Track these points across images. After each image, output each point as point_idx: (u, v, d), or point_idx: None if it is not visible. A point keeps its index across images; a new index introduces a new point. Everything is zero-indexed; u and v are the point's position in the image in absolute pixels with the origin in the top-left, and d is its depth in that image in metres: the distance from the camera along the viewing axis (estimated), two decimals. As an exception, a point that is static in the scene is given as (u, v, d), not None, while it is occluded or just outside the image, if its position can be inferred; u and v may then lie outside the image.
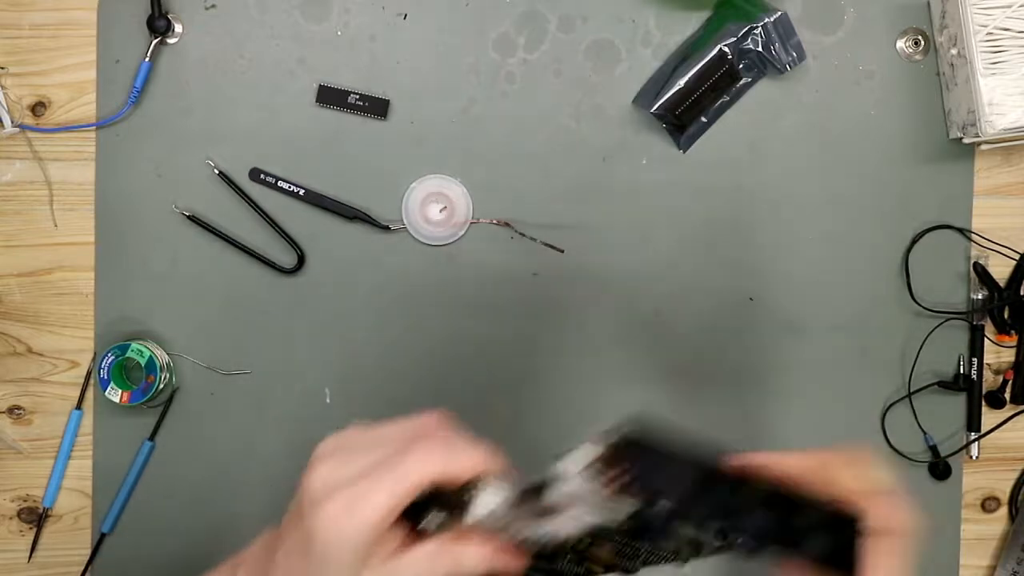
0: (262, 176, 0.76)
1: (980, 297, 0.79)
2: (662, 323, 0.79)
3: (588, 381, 0.79)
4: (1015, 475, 0.81)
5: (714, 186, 0.78)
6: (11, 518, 0.79)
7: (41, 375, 0.78)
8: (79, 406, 0.78)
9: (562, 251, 0.78)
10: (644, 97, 0.77)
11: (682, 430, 0.41)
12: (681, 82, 0.75)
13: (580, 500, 0.40)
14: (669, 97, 0.75)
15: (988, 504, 0.81)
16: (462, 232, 0.77)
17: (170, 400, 0.77)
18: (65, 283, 0.77)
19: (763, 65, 0.76)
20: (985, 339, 0.80)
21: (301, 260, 0.77)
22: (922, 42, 0.78)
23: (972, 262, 0.79)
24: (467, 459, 0.40)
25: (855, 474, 0.43)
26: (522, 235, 0.78)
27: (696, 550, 0.42)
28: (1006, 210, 0.80)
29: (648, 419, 0.41)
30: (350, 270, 0.78)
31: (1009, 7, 0.71)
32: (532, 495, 0.41)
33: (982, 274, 0.78)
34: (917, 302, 0.79)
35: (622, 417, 0.41)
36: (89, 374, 0.77)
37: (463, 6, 0.77)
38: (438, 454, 0.40)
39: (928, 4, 0.78)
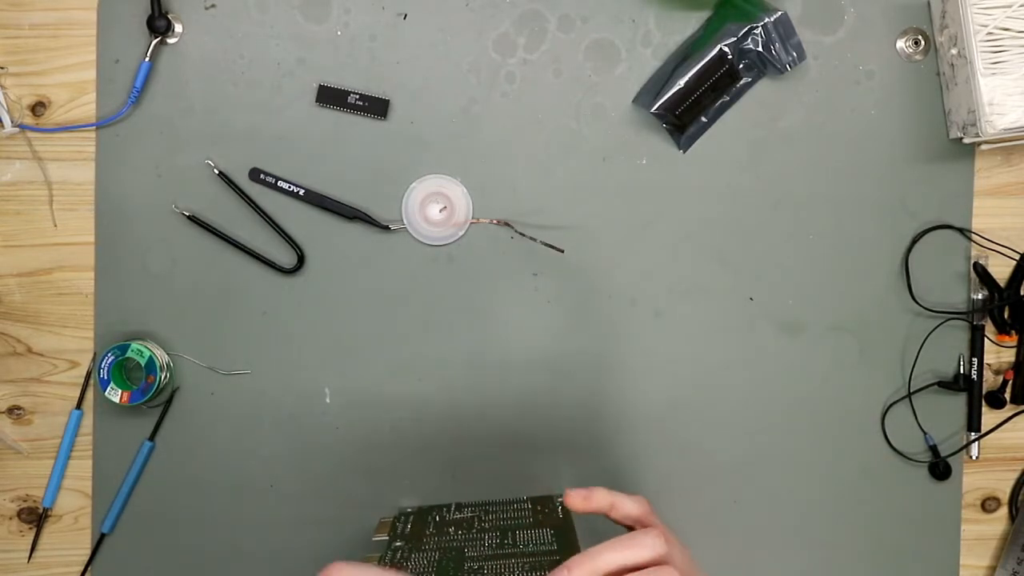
0: (262, 176, 0.76)
1: (980, 297, 0.79)
2: (662, 323, 0.79)
3: (588, 380, 0.79)
4: (1015, 475, 0.81)
5: (714, 186, 0.78)
6: (11, 518, 0.79)
7: (41, 375, 0.78)
8: (79, 406, 0.78)
9: (562, 251, 0.78)
10: (644, 97, 0.77)
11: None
12: (681, 82, 0.75)
13: None
14: (669, 97, 0.75)
15: (988, 504, 0.81)
16: (462, 232, 0.77)
17: (170, 400, 0.77)
18: (65, 283, 0.77)
19: (763, 65, 0.76)
20: (985, 339, 0.80)
21: (301, 260, 0.77)
22: (922, 42, 0.78)
23: (972, 262, 0.79)
24: None
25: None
26: (522, 235, 0.78)
27: None
28: (1006, 210, 0.80)
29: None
30: (350, 270, 0.78)
31: (1009, 7, 0.71)
32: None
33: (982, 274, 0.78)
34: (917, 302, 0.79)
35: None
36: (89, 374, 0.77)
37: (463, 6, 0.77)
38: None
39: (928, 4, 0.78)
